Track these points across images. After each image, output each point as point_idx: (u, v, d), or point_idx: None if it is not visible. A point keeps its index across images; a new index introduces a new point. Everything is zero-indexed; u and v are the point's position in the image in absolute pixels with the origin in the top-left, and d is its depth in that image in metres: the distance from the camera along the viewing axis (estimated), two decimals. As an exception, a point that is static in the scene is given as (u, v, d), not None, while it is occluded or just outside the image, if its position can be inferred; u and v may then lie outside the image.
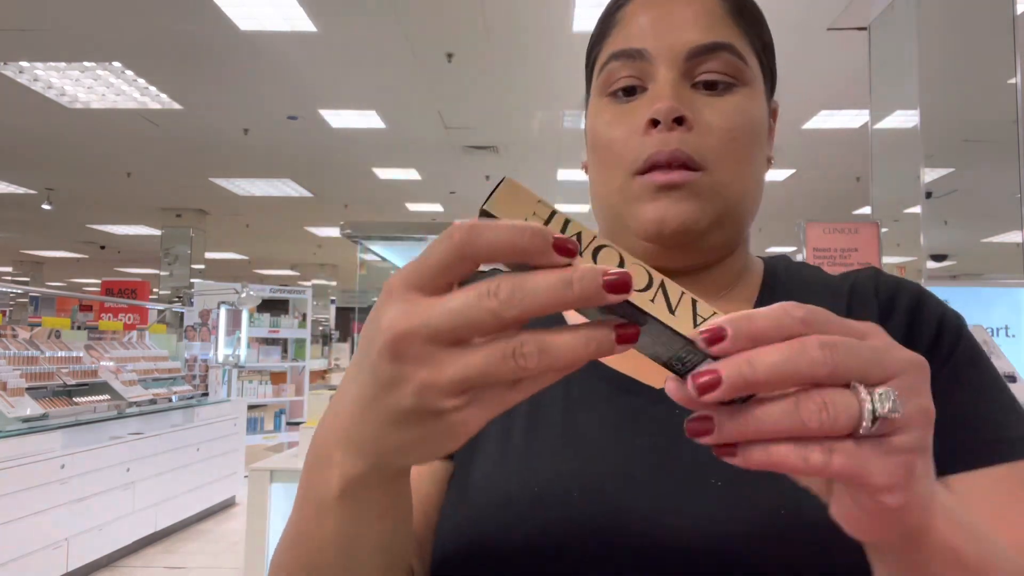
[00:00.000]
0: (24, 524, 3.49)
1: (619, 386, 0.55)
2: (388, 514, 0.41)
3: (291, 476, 2.73)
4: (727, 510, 0.47)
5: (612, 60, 0.57)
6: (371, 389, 0.32)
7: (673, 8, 0.56)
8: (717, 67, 0.55)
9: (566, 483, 0.50)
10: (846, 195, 8.77)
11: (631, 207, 0.56)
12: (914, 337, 0.55)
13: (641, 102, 0.55)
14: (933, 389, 0.48)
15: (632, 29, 0.57)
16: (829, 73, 5.24)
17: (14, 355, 4.03)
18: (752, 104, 0.56)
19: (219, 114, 6.55)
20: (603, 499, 0.49)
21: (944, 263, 3.67)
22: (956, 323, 0.56)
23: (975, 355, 0.55)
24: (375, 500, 0.39)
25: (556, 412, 0.54)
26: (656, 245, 0.56)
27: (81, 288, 20.28)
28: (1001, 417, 0.52)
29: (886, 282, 0.59)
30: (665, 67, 0.54)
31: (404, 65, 5.38)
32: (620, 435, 0.52)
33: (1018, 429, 0.51)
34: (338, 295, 17.85)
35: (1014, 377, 2.17)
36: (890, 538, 0.33)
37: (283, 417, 7.84)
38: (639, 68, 0.56)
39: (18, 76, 5.58)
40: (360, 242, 4.11)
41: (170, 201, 10.34)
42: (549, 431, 0.53)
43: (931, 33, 3.53)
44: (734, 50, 0.55)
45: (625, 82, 0.56)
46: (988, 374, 0.54)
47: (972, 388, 0.53)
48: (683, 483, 0.49)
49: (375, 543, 0.42)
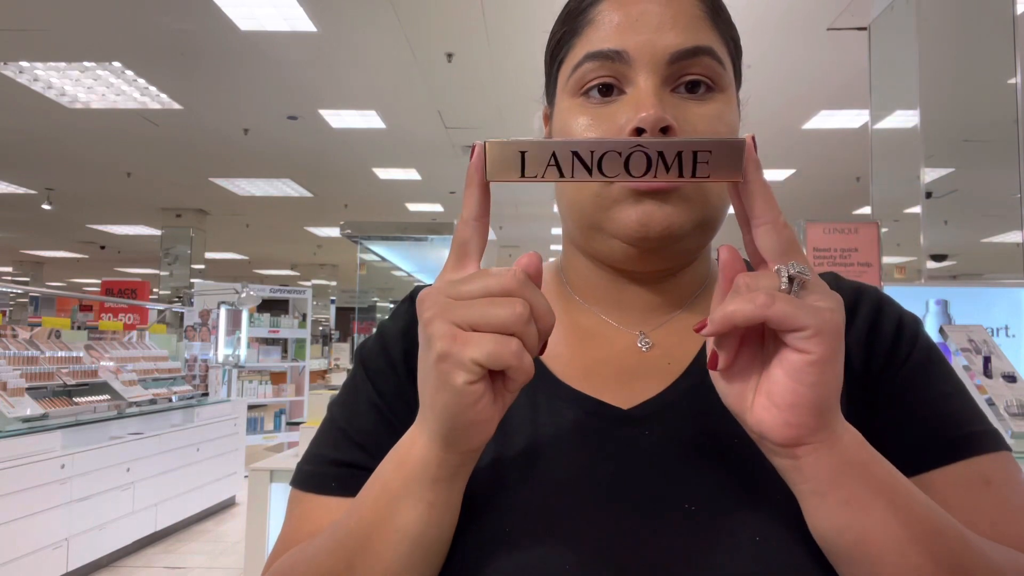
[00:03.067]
0: (24, 524, 3.49)
1: (586, 410, 0.55)
2: (455, 510, 0.47)
3: (291, 476, 2.72)
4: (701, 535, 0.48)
5: (587, 61, 0.54)
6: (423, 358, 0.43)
7: (651, 7, 0.54)
8: (698, 71, 0.54)
9: (532, 520, 0.50)
10: (846, 195, 8.77)
11: (610, 211, 0.54)
12: (873, 343, 0.56)
13: (620, 106, 0.53)
14: (893, 390, 0.55)
15: (608, 29, 0.54)
16: (829, 73, 5.24)
17: (14, 355, 4.03)
18: (729, 109, 0.55)
19: (219, 114, 6.55)
20: (573, 531, 0.49)
21: (944, 263, 3.67)
22: (913, 326, 0.58)
23: (932, 355, 0.56)
24: (456, 488, 0.46)
25: (522, 439, 0.54)
26: (637, 248, 0.55)
27: (81, 288, 20.29)
28: (960, 415, 0.53)
29: (847, 288, 0.59)
30: (646, 72, 0.52)
31: (404, 65, 5.38)
32: (586, 462, 0.52)
33: (977, 425, 0.53)
34: (338, 295, 17.83)
35: (1014, 377, 2.17)
36: (806, 425, 0.40)
37: (283, 417, 7.84)
38: (616, 69, 0.53)
39: (18, 76, 5.59)
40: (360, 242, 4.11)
41: (170, 201, 10.35)
42: (516, 462, 0.53)
43: (931, 33, 3.53)
44: (714, 54, 0.54)
45: (601, 80, 0.54)
46: (945, 373, 0.56)
47: (931, 387, 0.55)
48: (650, 507, 0.49)
49: (445, 537, 0.47)
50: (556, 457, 0.52)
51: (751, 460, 0.49)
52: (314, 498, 0.58)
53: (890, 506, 0.41)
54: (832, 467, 0.41)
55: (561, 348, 0.59)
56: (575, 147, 0.41)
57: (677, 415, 0.53)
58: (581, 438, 0.53)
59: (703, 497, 0.49)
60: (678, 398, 0.54)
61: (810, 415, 0.40)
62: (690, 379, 0.56)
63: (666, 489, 0.50)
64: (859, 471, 0.41)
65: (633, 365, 0.57)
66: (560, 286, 0.64)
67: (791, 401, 0.39)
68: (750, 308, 0.38)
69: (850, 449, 0.41)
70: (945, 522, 0.43)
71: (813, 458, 0.40)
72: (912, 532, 0.41)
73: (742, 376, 0.42)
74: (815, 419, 0.40)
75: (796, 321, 0.38)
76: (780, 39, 4.69)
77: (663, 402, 0.54)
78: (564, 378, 0.57)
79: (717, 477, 0.50)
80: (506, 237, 12.46)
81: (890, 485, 0.42)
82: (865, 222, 2.82)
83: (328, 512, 0.56)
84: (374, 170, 8.56)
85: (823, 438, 0.40)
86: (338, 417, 0.61)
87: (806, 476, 0.41)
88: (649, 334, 0.59)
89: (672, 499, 0.49)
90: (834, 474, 0.41)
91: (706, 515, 0.48)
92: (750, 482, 0.49)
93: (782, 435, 0.40)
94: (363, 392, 0.60)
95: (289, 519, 0.59)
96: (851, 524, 0.41)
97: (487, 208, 0.44)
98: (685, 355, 0.57)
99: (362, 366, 0.62)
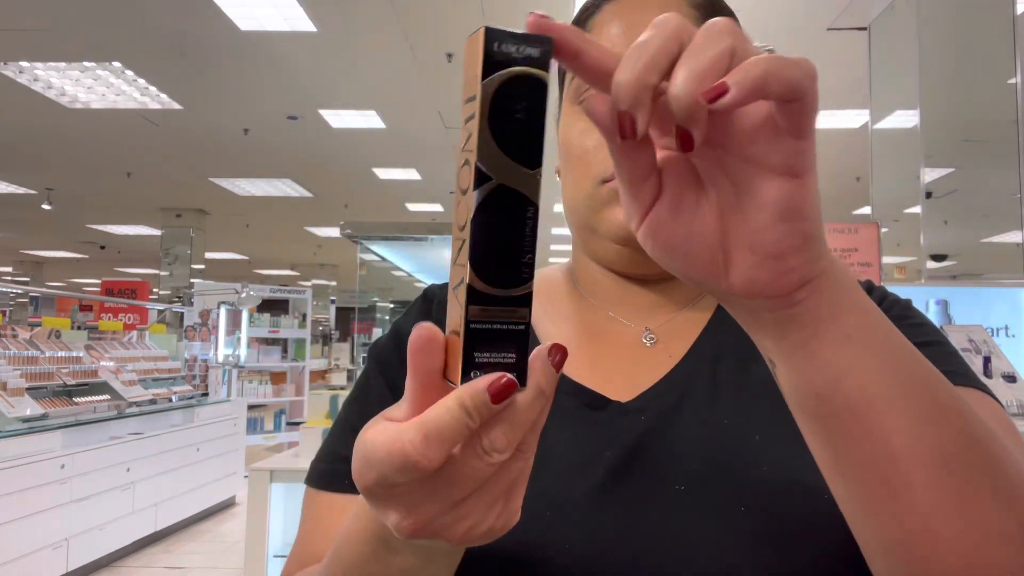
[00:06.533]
0: (24, 524, 3.48)
1: (585, 401, 0.56)
2: (457, 551, 0.40)
3: (291, 476, 2.73)
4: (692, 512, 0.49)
5: None
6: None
7: (646, 16, 0.53)
8: None
9: (537, 504, 0.50)
10: (846, 195, 8.77)
11: (601, 212, 0.57)
12: None
13: None
14: None
15: (604, 39, 0.56)
16: (829, 73, 5.24)
17: (14, 355, 4.03)
18: None
19: (219, 114, 6.55)
20: (573, 516, 0.50)
21: (944, 263, 3.67)
22: (881, 291, 0.60)
23: (905, 312, 0.57)
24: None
25: None
26: (629, 248, 0.58)
27: (81, 288, 20.28)
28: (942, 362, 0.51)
29: None
30: None
31: (404, 65, 5.38)
32: (587, 451, 0.54)
33: (956, 368, 0.52)
34: (338, 295, 17.82)
35: (1014, 377, 2.17)
36: (807, 261, 0.32)
37: (283, 417, 7.84)
38: None
39: (18, 76, 5.58)
40: (360, 242, 4.11)
41: (170, 201, 10.34)
42: None
43: (931, 33, 3.53)
44: None
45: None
46: (922, 332, 0.55)
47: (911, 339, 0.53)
48: (648, 492, 0.51)
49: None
50: (556, 446, 0.54)
51: (741, 438, 0.52)
52: (329, 496, 0.58)
53: (891, 333, 0.35)
54: (832, 297, 0.33)
55: (570, 345, 0.60)
56: None
57: (669, 402, 0.55)
58: (580, 428, 0.55)
59: (693, 477, 0.51)
60: (672, 385, 0.57)
61: (811, 247, 0.32)
62: (684, 367, 0.58)
63: (657, 473, 0.52)
64: (853, 295, 0.34)
65: (636, 359, 0.59)
66: (571, 285, 0.67)
67: (789, 244, 0.31)
68: (798, 73, 0.27)
69: (839, 267, 0.34)
70: (938, 371, 0.37)
71: (815, 296, 0.33)
72: (918, 373, 0.35)
73: (695, 234, 0.33)
74: (816, 248, 0.32)
75: (778, 74, 0.28)
76: (780, 39, 4.69)
77: (657, 391, 0.56)
78: (569, 372, 0.58)
79: (707, 457, 0.52)
80: (506, 237, 12.45)
81: (880, 313, 0.35)
82: (865, 222, 2.82)
83: (343, 509, 0.56)
84: (374, 170, 8.56)
85: (824, 265, 0.33)
86: (351, 414, 0.62)
87: (804, 321, 0.33)
88: (654, 330, 0.61)
89: (664, 481, 0.51)
90: (833, 305, 0.33)
91: (698, 494, 0.50)
92: (739, 459, 0.51)
93: (784, 286, 0.32)
94: (375, 389, 0.62)
95: (305, 518, 0.60)
96: (853, 365, 0.33)
97: None
98: (684, 347, 0.59)
99: (375, 363, 0.64)
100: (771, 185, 0.30)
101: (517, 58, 0.30)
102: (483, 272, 0.30)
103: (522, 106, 0.30)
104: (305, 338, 8.31)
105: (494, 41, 0.31)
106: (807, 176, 0.30)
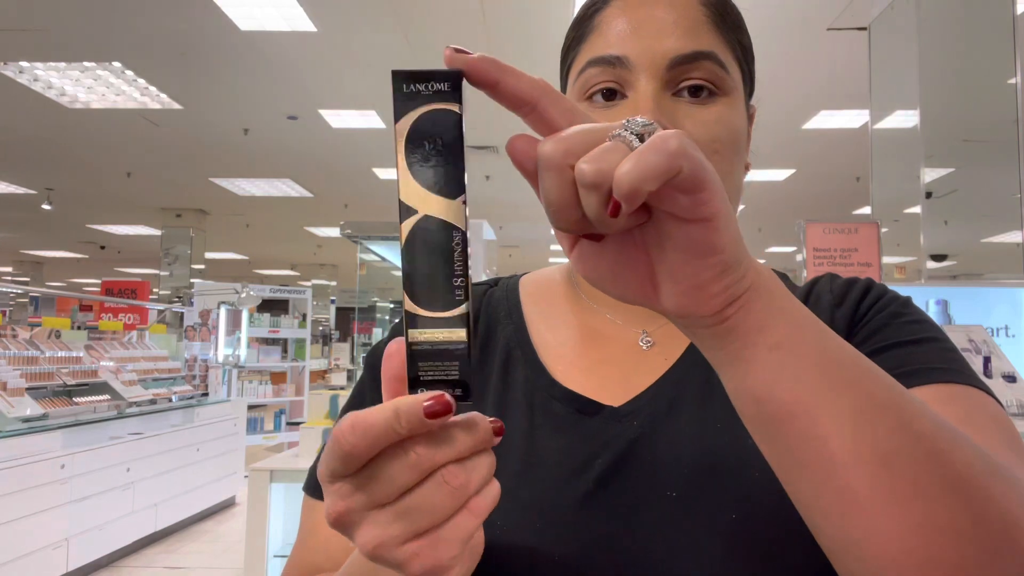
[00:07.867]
0: (24, 524, 3.49)
1: (577, 407, 0.56)
2: None
3: (291, 476, 2.73)
4: (683, 518, 0.50)
5: (590, 67, 0.56)
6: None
7: (653, 13, 0.55)
8: (699, 76, 0.54)
9: (528, 512, 0.51)
10: (846, 195, 8.77)
11: None
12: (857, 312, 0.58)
13: (620, 110, 0.55)
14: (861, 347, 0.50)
15: (611, 35, 0.56)
16: (829, 73, 5.24)
17: (14, 355, 4.03)
18: (733, 113, 0.56)
19: (219, 114, 6.55)
20: (563, 524, 0.51)
21: (944, 263, 3.67)
22: (880, 289, 0.60)
23: (903, 310, 0.57)
24: None
25: (518, 437, 0.56)
26: None
27: (81, 288, 20.28)
28: (928, 355, 0.51)
29: (840, 281, 0.62)
30: (646, 76, 0.54)
31: (404, 65, 5.37)
32: (578, 458, 0.54)
33: (951, 366, 0.51)
34: (338, 295, 17.82)
35: (1014, 377, 2.17)
36: (733, 283, 0.33)
37: (283, 417, 7.84)
38: (618, 75, 0.55)
39: (18, 76, 5.58)
40: (360, 242, 4.10)
41: (170, 201, 10.34)
42: (510, 459, 0.54)
43: (931, 33, 3.53)
44: (716, 59, 0.55)
45: (604, 86, 0.56)
46: (919, 328, 0.54)
47: (899, 335, 0.54)
48: (639, 498, 0.51)
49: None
50: (548, 454, 0.54)
51: (732, 443, 0.52)
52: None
53: (823, 338, 0.36)
54: (760, 309, 0.34)
55: (566, 349, 0.61)
56: None
57: (661, 407, 0.55)
58: (572, 435, 0.55)
59: (685, 482, 0.51)
60: (665, 390, 0.56)
61: (729, 274, 0.33)
62: (678, 370, 0.58)
63: (648, 479, 0.52)
64: (782, 304, 0.35)
65: (632, 363, 0.59)
66: (571, 288, 0.67)
67: (707, 276, 0.33)
68: (662, 160, 0.29)
69: (766, 279, 0.35)
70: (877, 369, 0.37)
71: (743, 311, 0.34)
72: (850, 374, 0.35)
73: (623, 263, 0.36)
74: (735, 272, 0.33)
75: (702, 178, 0.30)
76: (780, 39, 4.69)
77: (650, 396, 0.56)
78: (564, 378, 0.59)
79: (697, 462, 0.52)
80: (506, 237, 12.46)
81: (812, 319, 0.36)
82: (865, 222, 2.82)
83: None
84: (374, 170, 8.56)
85: (749, 281, 0.34)
86: None
87: (736, 334, 0.34)
88: (652, 333, 0.61)
89: (655, 487, 0.51)
90: (761, 317, 0.34)
91: (689, 499, 0.50)
92: (728, 464, 0.51)
93: (711, 307, 0.34)
94: (369, 396, 0.62)
95: (303, 524, 0.61)
96: (784, 371, 0.34)
97: None
98: (680, 350, 0.59)
99: (369, 370, 0.63)
100: (681, 231, 0.32)
101: (427, 95, 0.32)
102: (417, 298, 0.33)
103: (437, 141, 0.32)
104: (305, 338, 8.32)
105: (402, 83, 0.32)
106: (715, 218, 0.32)
